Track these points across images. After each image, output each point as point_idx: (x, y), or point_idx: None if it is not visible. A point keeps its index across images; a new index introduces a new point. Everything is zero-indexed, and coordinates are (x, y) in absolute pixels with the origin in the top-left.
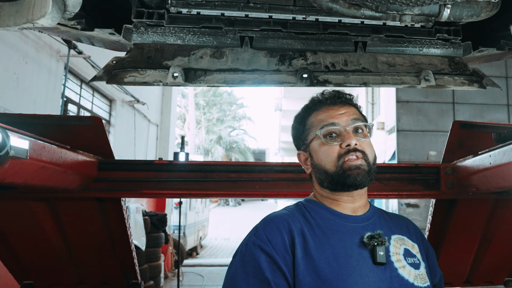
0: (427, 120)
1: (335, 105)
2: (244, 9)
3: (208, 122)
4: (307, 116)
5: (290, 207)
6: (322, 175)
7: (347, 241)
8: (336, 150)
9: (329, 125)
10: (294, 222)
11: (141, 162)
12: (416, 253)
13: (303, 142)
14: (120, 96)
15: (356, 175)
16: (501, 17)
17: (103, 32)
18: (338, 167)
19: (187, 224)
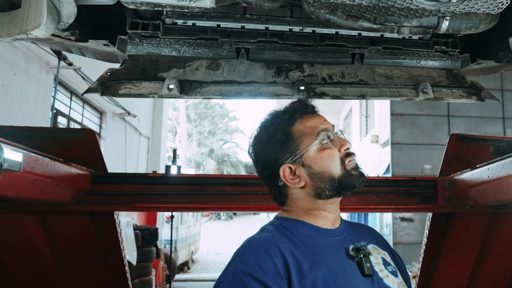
0: (422, 133)
1: (314, 113)
2: (240, 20)
3: (200, 135)
4: (290, 125)
5: (267, 228)
6: (326, 182)
7: (336, 256)
8: (338, 155)
9: (324, 130)
10: (283, 245)
11: (134, 175)
12: (390, 261)
13: (291, 153)
14: (110, 108)
15: (359, 175)
16: (500, 29)
17: (97, 43)
18: (344, 170)
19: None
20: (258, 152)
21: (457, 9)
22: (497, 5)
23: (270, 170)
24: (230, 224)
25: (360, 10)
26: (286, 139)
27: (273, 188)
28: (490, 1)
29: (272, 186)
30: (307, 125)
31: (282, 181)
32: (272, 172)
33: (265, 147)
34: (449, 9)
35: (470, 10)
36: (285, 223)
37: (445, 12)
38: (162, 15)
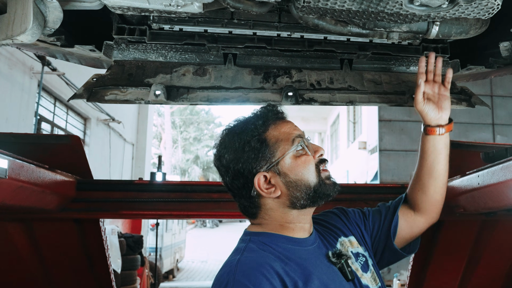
0: (410, 139)
1: (285, 118)
2: (227, 25)
3: (185, 141)
4: (264, 132)
5: (249, 246)
6: (302, 191)
7: (321, 265)
8: (313, 161)
9: (299, 136)
10: (274, 263)
11: (120, 182)
12: (357, 248)
13: (267, 160)
14: (95, 114)
15: (333, 184)
16: (490, 34)
17: (83, 48)
18: (318, 178)
19: (163, 246)
20: (230, 160)
21: (448, 15)
22: (488, 10)
23: (242, 180)
24: (215, 231)
25: (349, 15)
26: (261, 146)
27: (243, 199)
28: (481, 6)
29: (243, 197)
30: (281, 131)
31: (256, 190)
32: (245, 182)
33: (238, 155)
34: (439, 15)
35: (460, 16)
36: (263, 238)
37: (435, 18)
38: (148, 20)
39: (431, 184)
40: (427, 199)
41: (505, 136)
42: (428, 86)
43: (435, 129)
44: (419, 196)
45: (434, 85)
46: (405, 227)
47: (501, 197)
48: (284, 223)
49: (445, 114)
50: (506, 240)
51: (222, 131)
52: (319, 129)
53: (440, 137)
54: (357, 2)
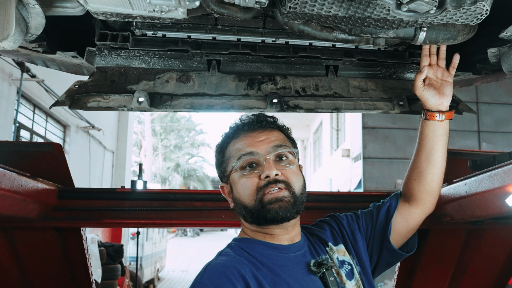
0: (394, 147)
1: (254, 130)
2: (211, 31)
3: (165, 149)
4: (226, 145)
5: (225, 251)
6: (242, 210)
7: (297, 273)
8: (255, 182)
9: (247, 154)
10: (243, 267)
11: (102, 190)
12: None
13: (223, 173)
14: (74, 121)
15: (277, 209)
16: (477, 40)
17: (65, 55)
18: (256, 200)
19: (144, 256)
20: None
21: (435, 20)
22: (476, 16)
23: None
24: (197, 240)
25: (335, 21)
26: (219, 159)
27: None
28: (469, 12)
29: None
30: (236, 146)
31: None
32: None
33: (215, 165)
34: (426, 20)
35: (448, 21)
36: (242, 244)
37: (422, 23)
38: (131, 26)
39: (428, 172)
40: (423, 187)
41: (491, 143)
42: (431, 71)
43: (435, 114)
44: (415, 184)
45: (438, 70)
46: (400, 221)
47: (488, 205)
48: (252, 230)
49: (447, 100)
50: (493, 249)
51: None
52: (301, 136)
53: (440, 123)
54: (344, 7)
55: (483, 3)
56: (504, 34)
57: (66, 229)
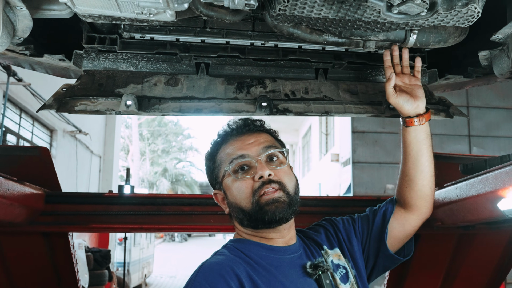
0: (384, 151)
1: (242, 135)
2: (200, 34)
3: (153, 154)
4: (216, 151)
5: (221, 251)
6: (240, 213)
7: (292, 274)
8: (249, 185)
9: (238, 157)
10: (237, 266)
11: (90, 194)
12: (339, 260)
13: (216, 180)
14: (61, 126)
15: (274, 210)
16: (468, 43)
17: (52, 58)
18: (253, 203)
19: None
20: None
21: (426, 23)
22: (468, 18)
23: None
24: (184, 246)
25: (325, 23)
26: (210, 165)
27: None
28: (461, 14)
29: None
30: (226, 151)
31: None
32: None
33: (206, 173)
34: (417, 23)
35: (439, 24)
36: (238, 244)
37: (413, 26)
38: (119, 29)
39: (418, 178)
40: (416, 194)
41: (482, 148)
42: (398, 78)
43: (414, 119)
44: (407, 192)
45: (404, 77)
46: (397, 226)
47: (480, 209)
48: (253, 233)
49: (421, 102)
50: (484, 254)
51: None
52: (290, 140)
53: (421, 127)
54: (334, 10)
55: (474, 5)
56: (495, 37)
57: (53, 234)
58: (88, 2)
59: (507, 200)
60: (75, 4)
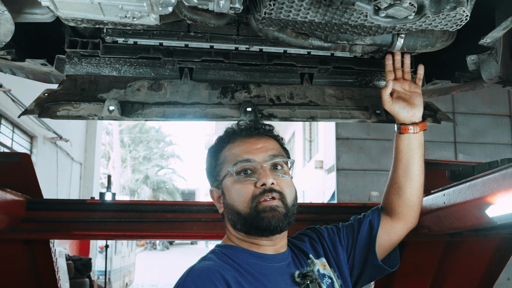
0: (368, 158)
1: (251, 137)
2: (184, 38)
3: (134, 161)
4: (221, 149)
5: (209, 256)
6: (235, 216)
7: (281, 283)
8: (250, 190)
9: (244, 161)
10: (226, 272)
11: (72, 201)
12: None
13: (216, 178)
14: (41, 132)
15: (270, 218)
16: (456, 47)
17: (34, 62)
18: (251, 208)
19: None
20: (205, 170)
21: (414, 26)
22: (456, 22)
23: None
24: (166, 254)
25: (311, 27)
26: (211, 162)
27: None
28: (449, 17)
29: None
30: (232, 151)
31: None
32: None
33: (206, 166)
34: (405, 26)
35: (427, 27)
36: (226, 251)
37: (400, 30)
38: (102, 33)
39: (407, 186)
40: (404, 202)
41: (468, 154)
42: (398, 84)
43: (409, 127)
44: (395, 200)
45: (404, 83)
46: (383, 235)
47: (468, 216)
48: (239, 239)
49: (418, 111)
50: (472, 261)
51: None
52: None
53: (415, 135)
54: (321, 13)
55: (463, 8)
56: (484, 41)
57: (35, 241)
58: (71, 6)
59: (496, 207)
60: (58, 7)
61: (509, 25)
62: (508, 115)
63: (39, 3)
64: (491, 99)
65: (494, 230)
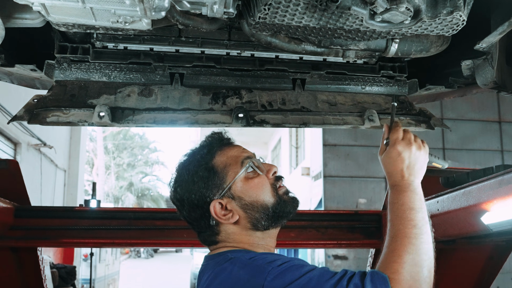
0: (356, 165)
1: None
2: (175, 43)
3: (118, 168)
4: (211, 159)
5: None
6: (260, 212)
7: None
8: (267, 181)
9: (248, 158)
10: None
11: (60, 208)
12: None
13: (220, 187)
14: (25, 139)
15: (292, 199)
16: (449, 53)
17: (24, 68)
18: (276, 196)
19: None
20: (183, 193)
21: (409, 31)
22: (452, 27)
23: (199, 211)
24: (150, 262)
25: (305, 32)
26: (210, 174)
27: (203, 230)
28: (445, 22)
29: (203, 227)
30: (229, 155)
31: (215, 219)
32: (202, 212)
33: (189, 187)
34: (400, 31)
35: (423, 32)
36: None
37: (395, 34)
38: (92, 38)
39: None
40: None
41: (456, 161)
42: None
43: None
44: None
45: None
46: None
47: (462, 223)
48: (251, 243)
49: None
50: (464, 269)
51: (175, 167)
52: (259, 154)
53: None
54: (316, 18)
55: (460, 13)
56: (479, 46)
57: (22, 249)
58: (63, 11)
59: (492, 214)
60: (49, 12)
61: (505, 29)
62: (497, 121)
63: (29, 8)
64: (480, 105)
65: (487, 238)
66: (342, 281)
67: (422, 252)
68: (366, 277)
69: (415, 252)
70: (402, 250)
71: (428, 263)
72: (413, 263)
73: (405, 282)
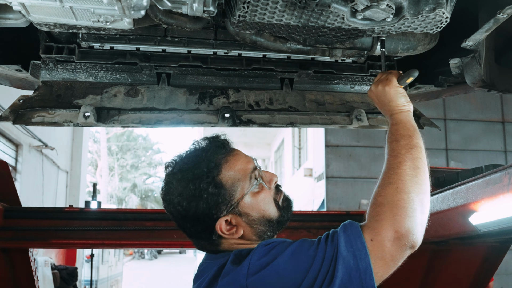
0: (358, 166)
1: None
2: (161, 43)
3: (122, 169)
4: (218, 174)
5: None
6: (266, 226)
7: None
8: (270, 194)
9: (254, 169)
10: None
11: (50, 209)
12: None
13: (227, 204)
14: (27, 140)
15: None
16: (439, 51)
17: (9, 68)
18: (279, 209)
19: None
20: (188, 209)
21: (393, 29)
22: (436, 24)
23: (202, 225)
24: (154, 263)
25: (288, 30)
26: (219, 191)
27: (202, 240)
28: (428, 19)
29: (203, 238)
30: (236, 169)
31: (218, 234)
32: (205, 226)
33: (196, 203)
34: (384, 29)
35: (406, 30)
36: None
37: (380, 32)
38: (77, 38)
39: None
40: None
41: (460, 162)
42: None
43: None
44: None
45: None
46: None
47: (452, 224)
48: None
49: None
50: (459, 270)
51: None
52: (262, 155)
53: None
54: (296, 16)
55: (442, 10)
56: (466, 44)
57: (13, 250)
58: (43, 10)
59: (480, 214)
60: (30, 12)
61: (491, 27)
62: (501, 121)
63: (11, 7)
64: (483, 105)
65: (480, 238)
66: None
67: (406, 179)
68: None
69: (398, 179)
70: (385, 181)
71: (417, 188)
72: (397, 191)
73: (388, 213)
